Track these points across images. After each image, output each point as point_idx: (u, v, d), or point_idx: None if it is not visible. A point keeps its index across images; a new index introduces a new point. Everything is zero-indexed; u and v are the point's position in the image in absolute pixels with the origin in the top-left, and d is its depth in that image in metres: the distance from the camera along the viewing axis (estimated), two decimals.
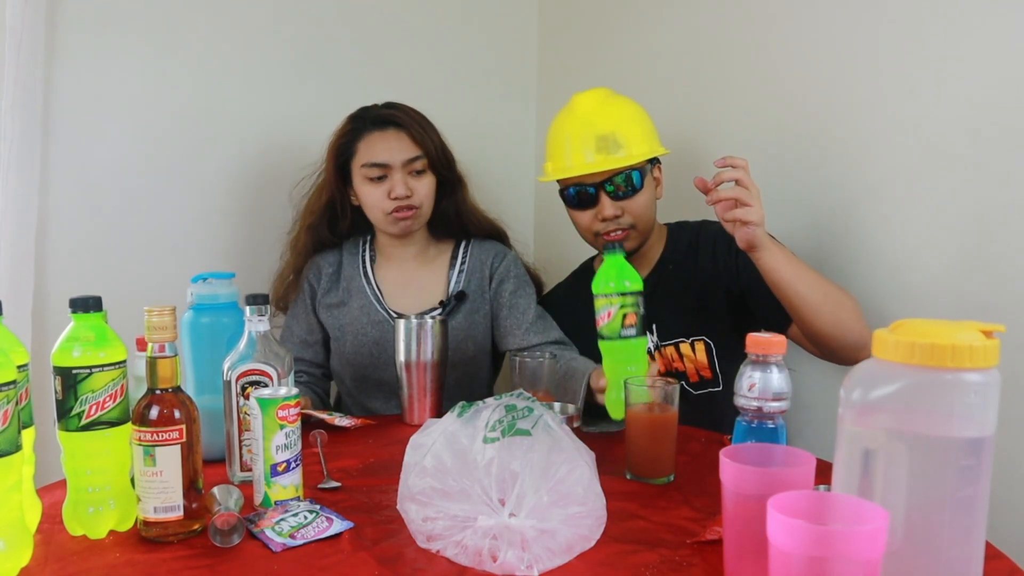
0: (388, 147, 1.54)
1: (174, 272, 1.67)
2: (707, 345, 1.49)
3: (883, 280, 1.48)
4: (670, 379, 1.30)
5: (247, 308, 1.09)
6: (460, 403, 1.01)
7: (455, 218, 1.66)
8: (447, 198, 1.63)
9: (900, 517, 0.67)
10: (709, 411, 1.46)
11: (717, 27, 1.78)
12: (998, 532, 0.84)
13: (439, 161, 1.59)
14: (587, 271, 1.67)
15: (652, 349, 1.53)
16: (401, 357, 1.43)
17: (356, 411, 1.61)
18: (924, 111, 1.39)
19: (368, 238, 1.69)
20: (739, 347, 1.43)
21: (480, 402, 1.00)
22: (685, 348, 1.50)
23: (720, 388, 1.50)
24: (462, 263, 1.65)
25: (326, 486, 1.09)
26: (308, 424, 1.26)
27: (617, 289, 1.22)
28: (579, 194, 1.48)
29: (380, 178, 1.54)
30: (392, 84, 2.03)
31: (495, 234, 1.72)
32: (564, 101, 2.23)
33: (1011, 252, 1.27)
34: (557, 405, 1.30)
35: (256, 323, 1.08)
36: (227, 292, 1.18)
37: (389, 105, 1.61)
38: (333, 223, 1.65)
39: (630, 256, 1.48)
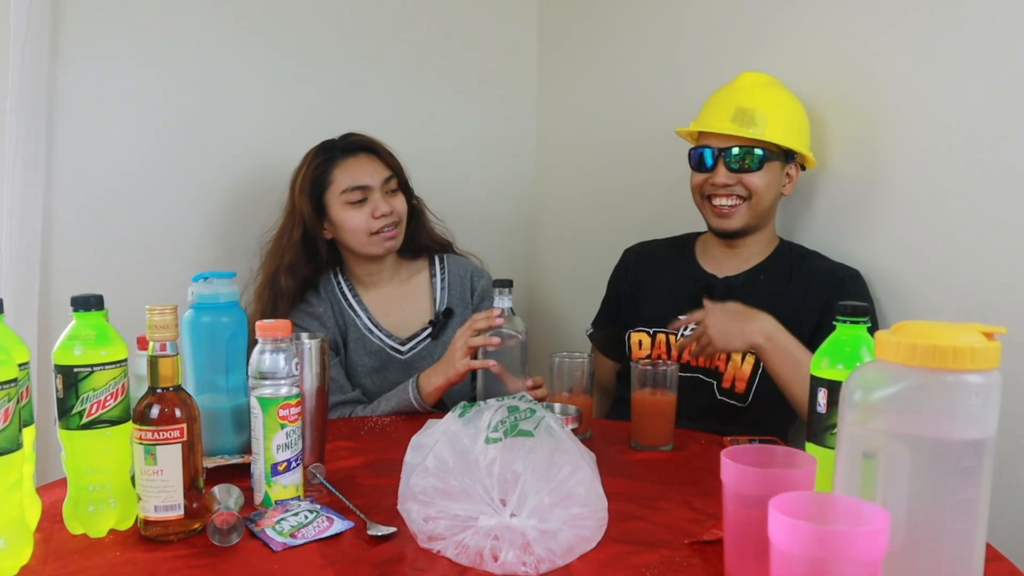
0: (365, 170, 1.58)
1: (175, 271, 1.67)
2: (756, 363, 1.47)
3: (884, 280, 1.48)
4: (667, 361, 1.35)
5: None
6: (461, 403, 1.01)
7: (421, 235, 1.70)
8: (412, 217, 1.68)
9: (901, 518, 0.67)
10: (724, 423, 1.45)
11: (716, 27, 1.78)
12: (998, 534, 0.84)
13: (405, 180, 1.65)
14: (684, 245, 1.65)
15: None
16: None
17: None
18: (924, 112, 1.39)
19: (337, 270, 1.68)
20: None
21: (482, 403, 1.00)
22: (735, 354, 1.48)
23: (744, 406, 1.49)
24: (442, 279, 1.69)
25: (378, 533, 0.93)
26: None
27: None
28: (699, 155, 1.49)
29: (361, 201, 1.57)
30: (392, 85, 2.04)
31: (447, 245, 1.76)
32: (564, 101, 2.25)
33: (1011, 252, 1.28)
34: (558, 406, 1.30)
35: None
36: (228, 291, 1.17)
37: (350, 135, 1.64)
38: (309, 259, 1.62)
39: (737, 236, 1.51)
